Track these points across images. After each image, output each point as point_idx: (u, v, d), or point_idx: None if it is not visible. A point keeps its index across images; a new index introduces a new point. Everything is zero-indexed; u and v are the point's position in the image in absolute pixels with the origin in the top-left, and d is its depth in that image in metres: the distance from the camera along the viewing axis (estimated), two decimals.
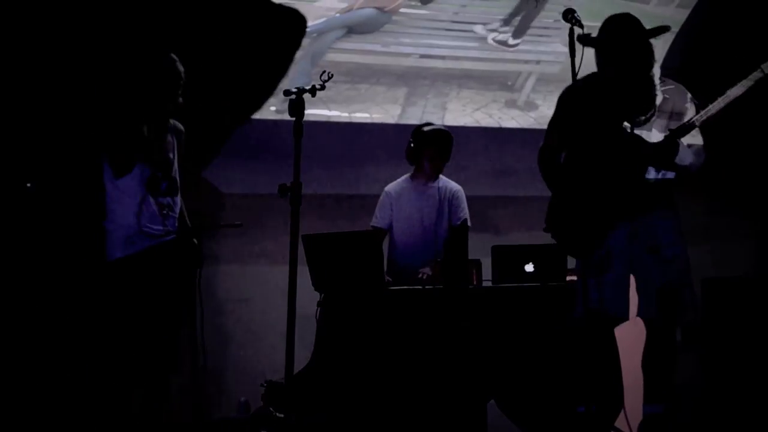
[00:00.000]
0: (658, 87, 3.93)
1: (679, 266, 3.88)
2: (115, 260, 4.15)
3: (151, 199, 4.16)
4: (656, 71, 3.95)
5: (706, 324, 5.58)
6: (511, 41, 6.31)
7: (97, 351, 4.47)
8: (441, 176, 5.24)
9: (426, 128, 5.19)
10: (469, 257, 4.82)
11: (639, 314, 3.91)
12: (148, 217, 4.14)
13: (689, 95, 3.98)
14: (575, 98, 3.92)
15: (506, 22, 6.23)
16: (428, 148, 5.13)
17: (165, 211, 4.19)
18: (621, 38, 3.85)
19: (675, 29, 6.39)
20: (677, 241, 3.90)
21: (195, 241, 4.30)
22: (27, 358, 4.88)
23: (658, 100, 3.92)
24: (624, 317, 3.91)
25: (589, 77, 3.94)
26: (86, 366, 4.80)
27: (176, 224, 4.25)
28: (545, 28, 6.31)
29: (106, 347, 4.21)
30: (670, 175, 3.92)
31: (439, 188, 5.19)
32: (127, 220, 4.13)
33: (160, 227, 4.18)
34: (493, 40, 6.26)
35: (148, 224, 4.14)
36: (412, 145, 5.17)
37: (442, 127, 5.27)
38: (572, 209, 3.94)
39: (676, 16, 6.47)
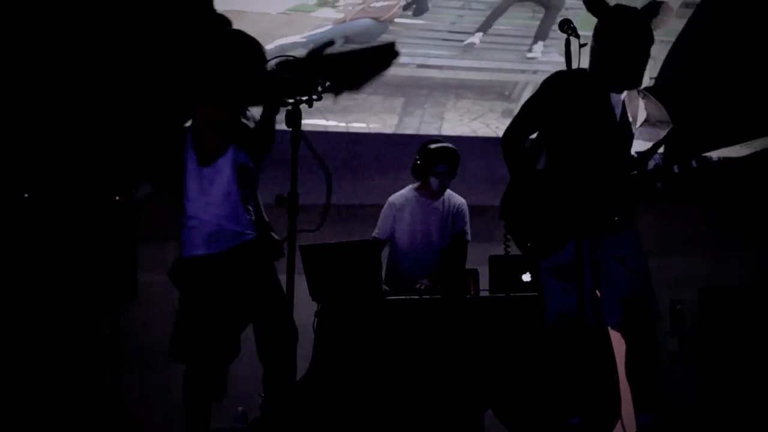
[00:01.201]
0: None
1: (644, 276, 3.76)
2: (194, 257, 3.84)
3: (238, 191, 3.87)
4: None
5: (703, 332, 5.59)
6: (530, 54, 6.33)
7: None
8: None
9: (433, 146, 5.09)
10: (467, 267, 4.84)
11: (607, 323, 3.81)
12: (232, 211, 3.85)
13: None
14: (563, 86, 3.78)
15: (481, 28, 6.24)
16: (438, 166, 5.04)
17: (250, 207, 3.92)
18: (621, 34, 3.70)
19: (671, 39, 6.41)
20: (640, 253, 3.78)
21: (274, 235, 4.00)
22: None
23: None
24: (596, 326, 3.81)
25: (582, 71, 3.78)
26: None
27: (254, 221, 3.95)
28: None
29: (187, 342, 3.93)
30: None
31: (443, 203, 5.13)
32: (211, 215, 3.84)
33: (245, 227, 3.87)
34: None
35: (231, 219, 3.85)
36: (419, 161, 5.09)
37: (449, 145, 5.13)
38: (535, 205, 3.79)
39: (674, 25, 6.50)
